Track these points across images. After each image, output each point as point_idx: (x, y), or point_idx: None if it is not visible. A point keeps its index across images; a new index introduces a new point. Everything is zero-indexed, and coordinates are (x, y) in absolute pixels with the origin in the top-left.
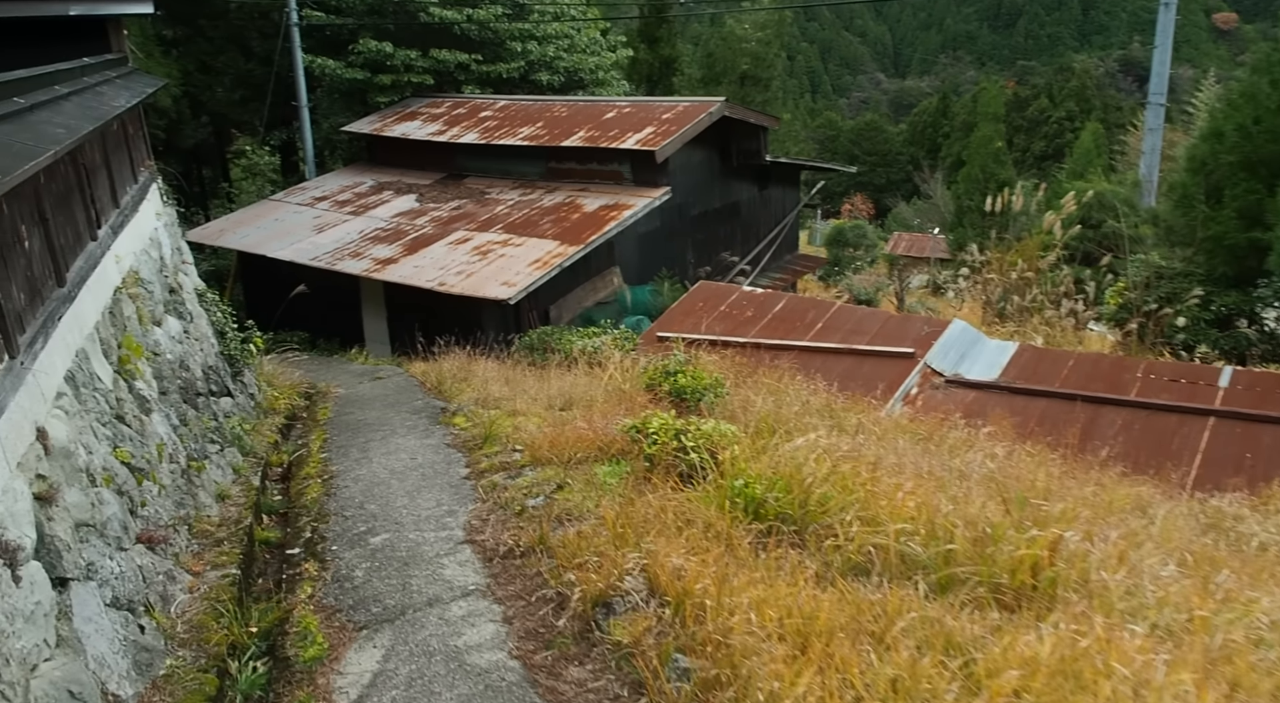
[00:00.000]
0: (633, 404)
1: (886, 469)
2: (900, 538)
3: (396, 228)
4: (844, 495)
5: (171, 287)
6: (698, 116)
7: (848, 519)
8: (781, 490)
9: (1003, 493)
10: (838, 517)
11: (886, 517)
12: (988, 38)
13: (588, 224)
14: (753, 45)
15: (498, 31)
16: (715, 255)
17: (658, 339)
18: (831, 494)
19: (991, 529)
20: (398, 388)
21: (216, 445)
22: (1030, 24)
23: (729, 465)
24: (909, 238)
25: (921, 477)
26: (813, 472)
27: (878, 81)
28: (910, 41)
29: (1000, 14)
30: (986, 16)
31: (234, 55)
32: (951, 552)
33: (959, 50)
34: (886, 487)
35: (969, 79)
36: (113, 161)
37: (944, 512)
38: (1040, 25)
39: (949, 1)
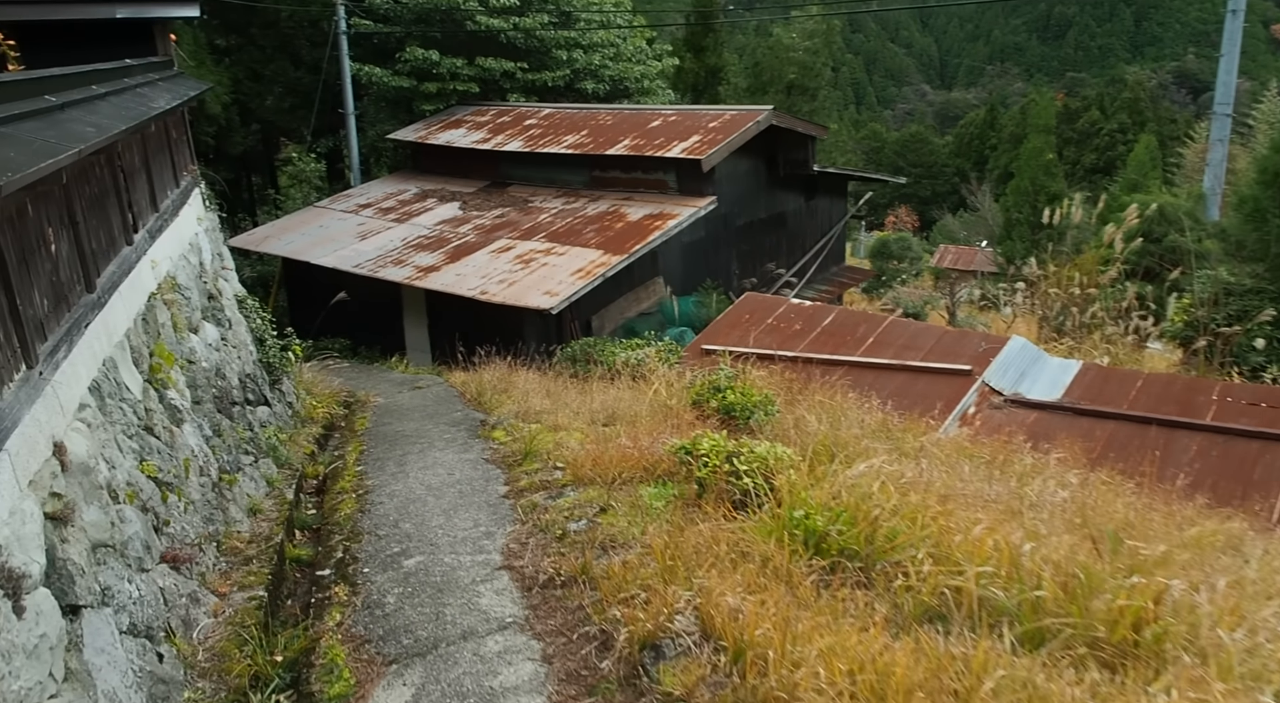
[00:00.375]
0: (679, 421)
1: (958, 500)
2: (981, 581)
3: (439, 235)
4: (914, 530)
5: (210, 293)
6: (745, 125)
7: (919, 557)
8: (845, 523)
9: (1086, 528)
10: (908, 554)
11: (962, 555)
12: (1036, 49)
13: (632, 233)
14: (800, 54)
15: (543, 39)
16: (760, 267)
17: (703, 352)
18: (900, 528)
19: (1084, 575)
20: (437, 398)
21: (251, 457)
22: (1080, 35)
23: (786, 493)
24: (955, 250)
25: (993, 507)
26: (879, 503)
27: (923, 93)
28: (956, 53)
29: (1049, 25)
30: (1035, 28)
31: (283, 63)
32: (1040, 599)
33: (1006, 62)
34: (960, 520)
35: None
36: (153, 165)
37: (1025, 550)
38: (1091, 37)
39: (997, 13)
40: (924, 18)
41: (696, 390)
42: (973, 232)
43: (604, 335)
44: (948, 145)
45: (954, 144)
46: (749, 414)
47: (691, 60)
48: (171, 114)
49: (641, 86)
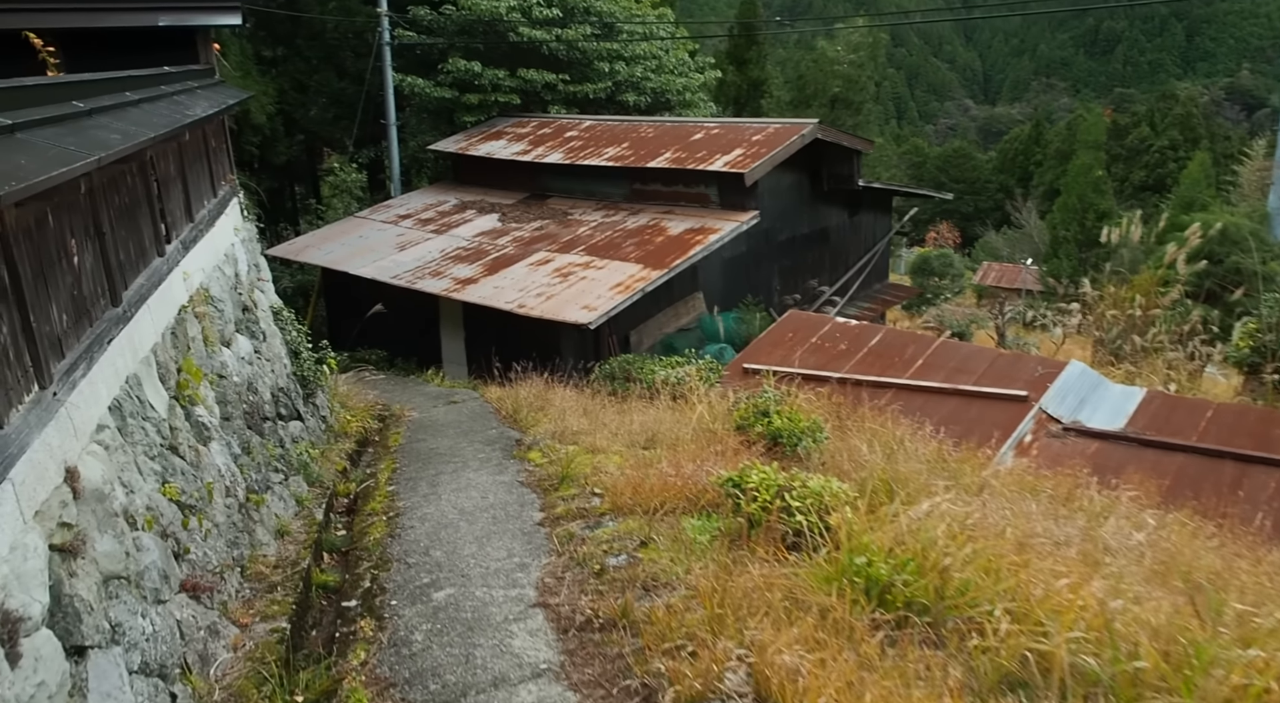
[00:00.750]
0: (723, 446)
1: (1034, 548)
2: (1069, 645)
3: (478, 247)
4: (989, 582)
5: (245, 305)
6: (789, 139)
7: (996, 614)
8: (912, 573)
9: (1173, 580)
10: (983, 609)
11: (1044, 613)
12: (1083, 64)
13: (672, 248)
14: (845, 68)
15: (586, 51)
16: (803, 283)
17: (744, 371)
18: (974, 580)
19: (1191, 646)
20: (472, 414)
21: (280, 475)
22: (1130, 50)
23: (844, 535)
24: (999, 268)
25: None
26: (948, 550)
27: (966, 108)
28: (1001, 67)
29: (1097, 40)
30: (1083, 43)
31: (328, 74)
32: (1140, 671)
33: (1052, 77)
34: (1038, 571)
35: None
36: (190, 174)
37: (1116, 607)
38: (1140, 52)
39: (1043, 27)
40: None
41: (741, 414)
42: (1017, 249)
43: (642, 351)
44: (991, 161)
45: (998, 160)
46: (796, 441)
47: (734, 73)
48: (209, 122)
49: (683, 99)
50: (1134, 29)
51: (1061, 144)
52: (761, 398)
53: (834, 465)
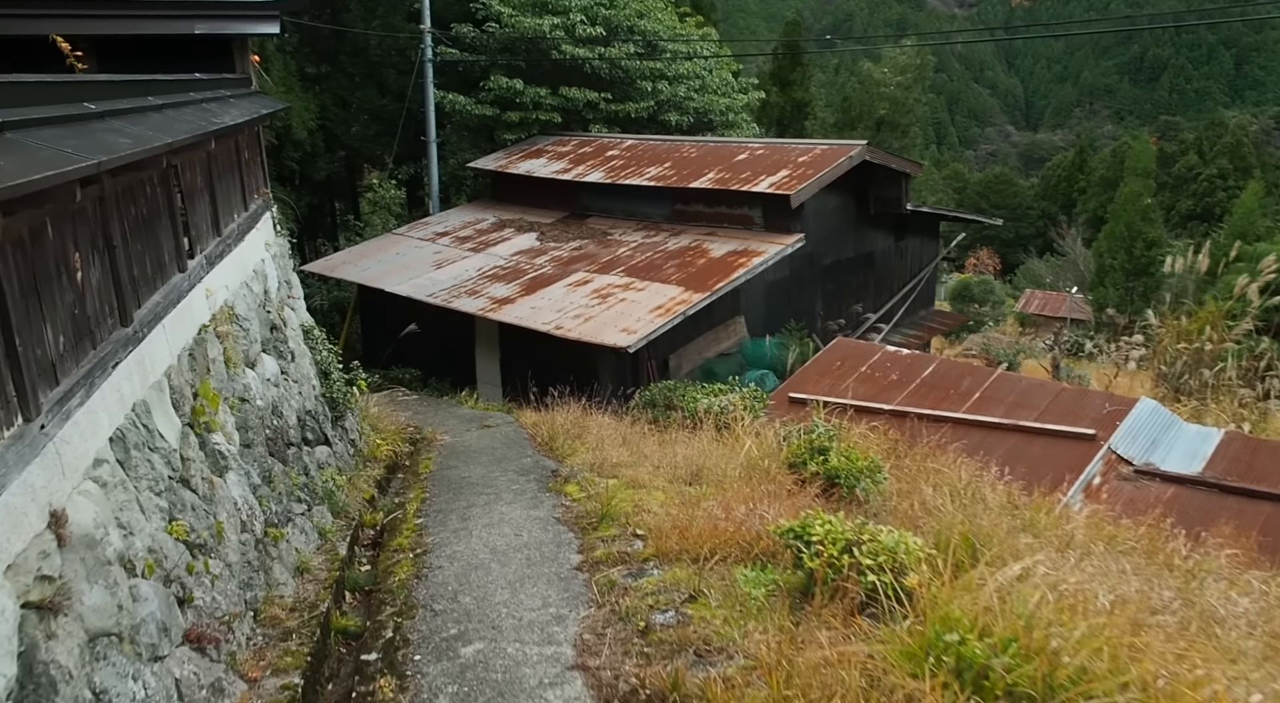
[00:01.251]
0: (775, 486)
1: (1152, 625)
2: None
3: (515, 266)
4: (1109, 672)
5: (274, 323)
6: (837, 160)
7: None
8: (1015, 656)
9: None
10: None
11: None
12: (1128, 91)
13: (714, 270)
14: (891, 90)
15: (628, 70)
16: (846, 308)
17: (790, 401)
18: (1089, 666)
19: None
20: (506, 440)
21: (303, 505)
22: (1176, 78)
23: (926, 602)
24: (1042, 296)
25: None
26: (1057, 628)
27: (1007, 134)
28: (1043, 94)
29: (1143, 67)
30: (1128, 70)
31: (370, 91)
32: None
33: (1096, 103)
34: (1158, 654)
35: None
36: (219, 186)
37: None
38: (1187, 80)
39: (1087, 54)
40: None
41: (794, 450)
42: (1059, 276)
43: (681, 376)
44: (1033, 187)
45: (1040, 186)
46: (855, 482)
47: (777, 94)
48: (239, 132)
49: (726, 120)
50: (1180, 57)
51: (1106, 171)
52: (814, 433)
53: (899, 512)
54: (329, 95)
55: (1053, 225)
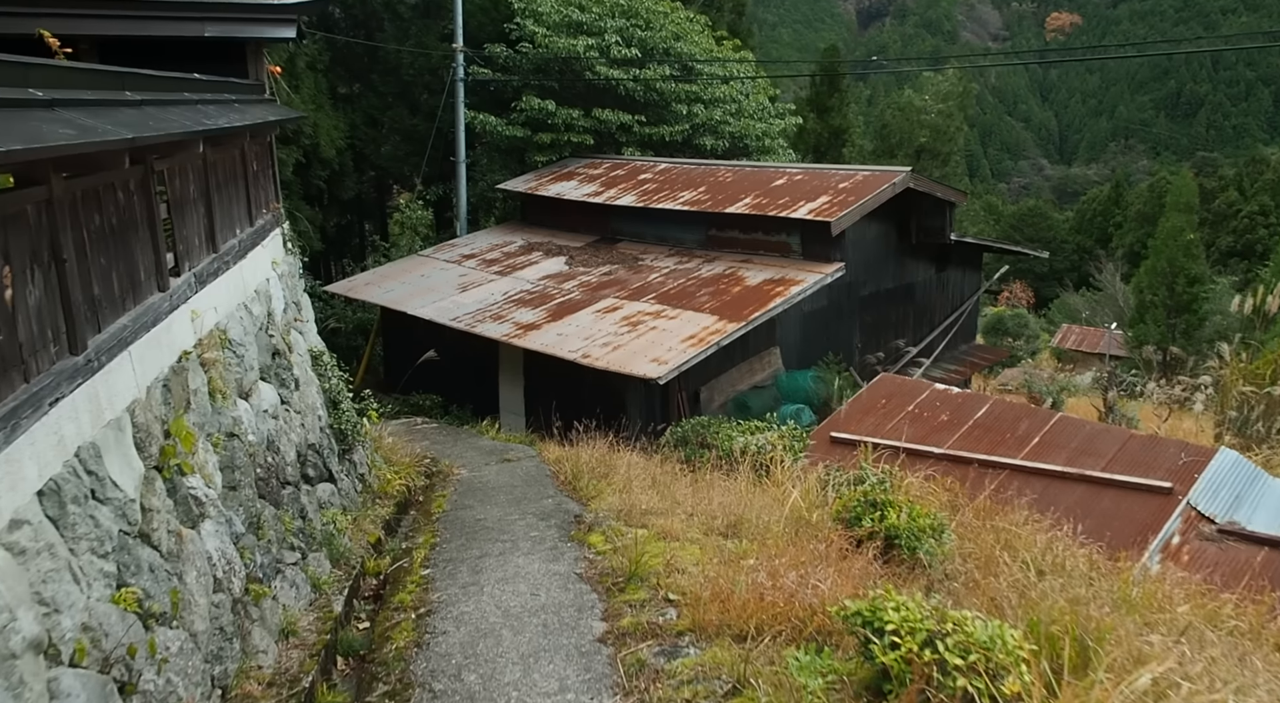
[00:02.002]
0: (825, 545)
1: None
2: None
3: (543, 291)
4: None
5: (277, 348)
6: (879, 187)
7: None
8: None
9: None
10: None
11: None
12: (1164, 127)
13: (750, 299)
14: (932, 117)
15: (663, 93)
16: (885, 341)
17: (831, 441)
18: None
19: None
20: (527, 477)
21: (297, 553)
22: (1213, 114)
23: None
24: (1080, 331)
25: None
26: None
27: (1040, 167)
28: (1077, 128)
29: (1180, 103)
30: (1164, 105)
31: (400, 110)
32: None
33: (1131, 138)
34: None
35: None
36: (217, 197)
37: None
38: (1224, 116)
39: (1122, 88)
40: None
41: (845, 504)
42: (1096, 311)
43: (712, 409)
44: (1068, 221)
45: (1075, 220)
46: (917, 544)
47: (815, 121)
48: (239, 137)
49: (762, 145)
50: (1218, 93)
51: (1144, 206)
52: (868, 485)
53: (974, 585)
54: (359, 114)
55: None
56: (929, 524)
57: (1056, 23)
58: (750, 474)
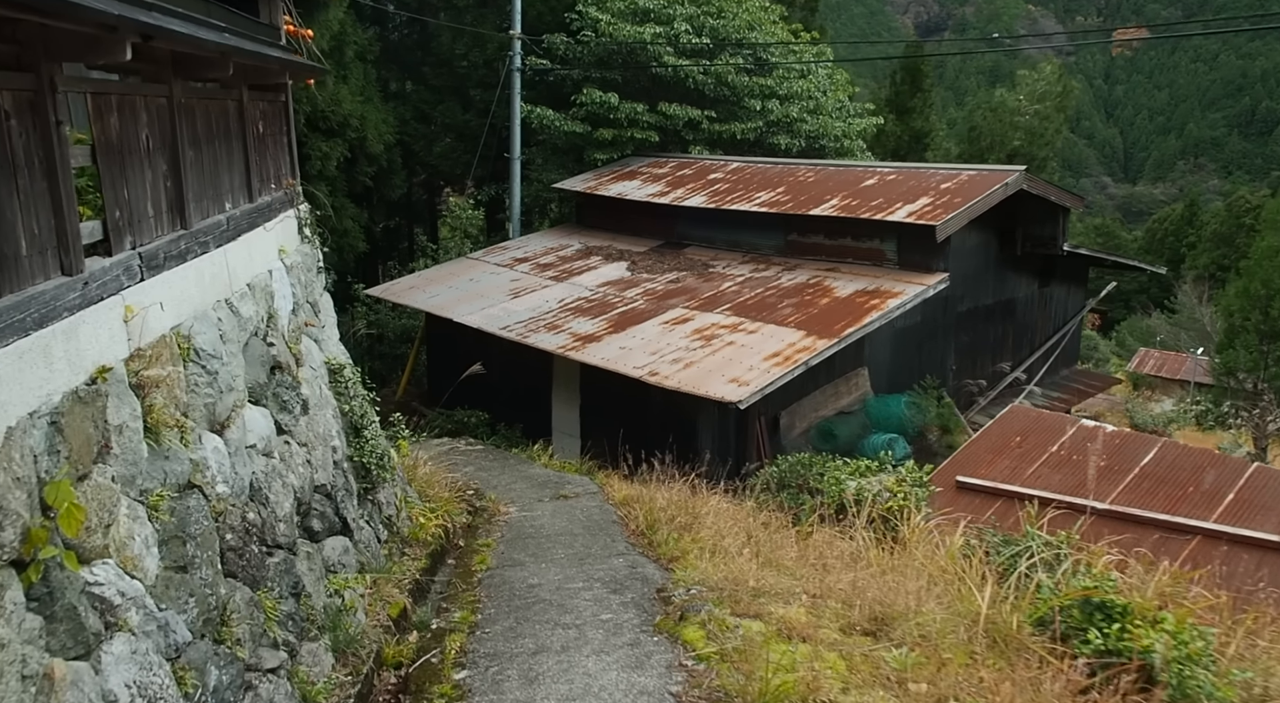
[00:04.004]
0: (1029, 669)
1: None
2: None
3: (603, 299)
4: None
5: (278, 361)
6: (989, 188)
7: None
8: None
9: None
10: None
11: None
12: (1236, 145)
13: (840, 312)
14: (1028, 119)
15: (735, 86)
16: (984, 364)
17: (959, 487)
18: None
19: None
20: (589, 521)
21: (284, 651)
22: None
23: None
24: (1159, 356)
25: None
26: None
27: (1103, 185)
28: (1143, 146)
29: (1254, 120)
30: (1237, 123)
31: (453, 105)
32: None
33: (1201, 157)
34: None
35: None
36: (193, 155)
37: None
38: None
39: (1192, 106)
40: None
41: (1048, 604)
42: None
43: (792, 437)
44: (1136, 240)
45: (1144, 239)
46: (1189, 681)
47: (894, 122)
48: (217, 67)
49: (840, 146)
50: None
51: (1219, 226)
52: (1091, 580)
53: None
54: (410, 109)
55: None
56: (1198, 649)
57: (1123, 36)
58: (868, 529)
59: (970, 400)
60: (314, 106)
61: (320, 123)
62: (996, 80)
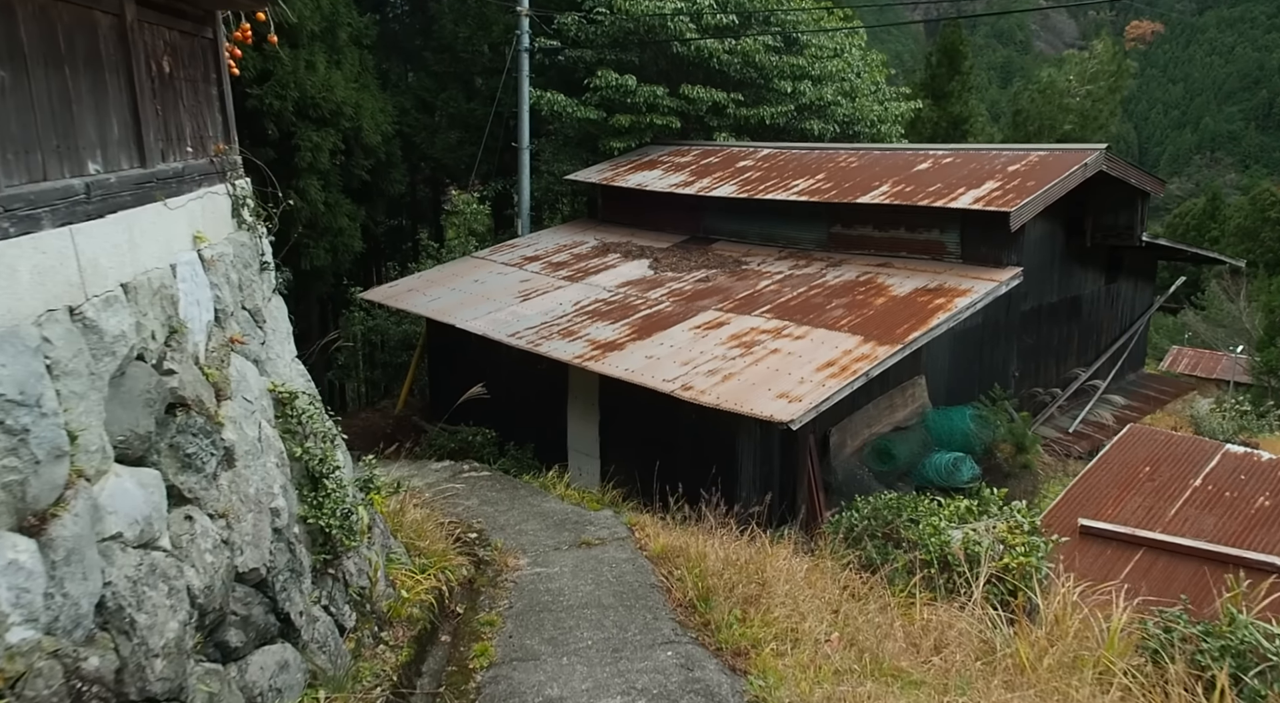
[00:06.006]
0: None
1: None
2: None
3: (623, 301)
4: None
5: (181, 397)
6: (1067, 169)
7: None
8: None
9: None
10: None
11: None
12: (1254, 139)
13: (901, 314)
14: (1079, 101)
15: (764, 67)
16: (1048, 369)
17: (1082, 533)
18: None
19: None
20: (620, 584)
21: None
22: None
23: None
24: (1193, 354)
25: None
26: None
27: None
28: (1158, 140)
29: (1271, 113)
30: (1254, 116)
31: (455, 93)
32: None
33: (1218, 151)
34: None
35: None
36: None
37: None
38: None
39: (1208, 100)
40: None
41: None
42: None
43: (843, 457)
44: (1159, 235)
45: (1165, 234)
46: None
47: (931, 108)
48: None
49: (877, 131)
50: None
51: (1244, 220)
52: None
53: None
54: (410, 97)
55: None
56: None
57: (1137, 31)
58: (985, 596)
59: (1036, 411)
60: (303, 92)
61: (310, 111)
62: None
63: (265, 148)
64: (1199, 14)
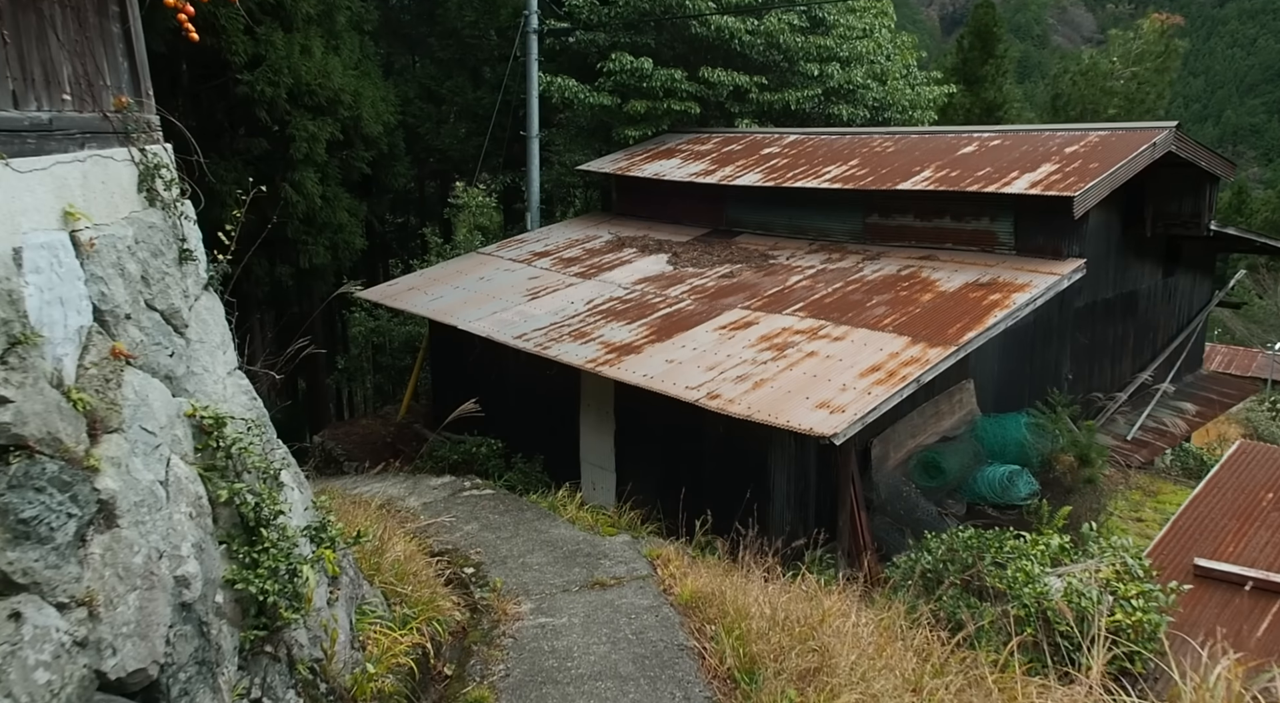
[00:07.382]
0: None
1: None
2: None
3: (640, 299)
4: None
5: (19, 437)
6: (1134, 150)
7: None
8: None
9: None
10: None
11: None
12: (1277, 131)
13: (952, 312)
14: (1124, 83)
15: (788, 49)
16: (1102, 371)
17: (1197, 575)
18: None
19: None
20: (643, 644)
21: None
22: None
23: None
24: (1227, 351)
25: None
26: None
27: None
28: None
29: None
30: (1277, 109)
31: (461, 81)
32: None
33: (1240, 145)
34: None
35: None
36: None
37: None
38: None
39: (1230, 92)
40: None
41: None
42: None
43: (886, 470)
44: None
45: None
46: None
47: (963, 93)
48: None
49: (909, 117)
50: None
51: (1271, 214)
52: None
53: None
54: (413, 86)
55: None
56: None
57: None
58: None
59: (1091, 418)
60: (297, 79)
61: (305, 98)
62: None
63: (258, 138)
64: (1219, 5)
